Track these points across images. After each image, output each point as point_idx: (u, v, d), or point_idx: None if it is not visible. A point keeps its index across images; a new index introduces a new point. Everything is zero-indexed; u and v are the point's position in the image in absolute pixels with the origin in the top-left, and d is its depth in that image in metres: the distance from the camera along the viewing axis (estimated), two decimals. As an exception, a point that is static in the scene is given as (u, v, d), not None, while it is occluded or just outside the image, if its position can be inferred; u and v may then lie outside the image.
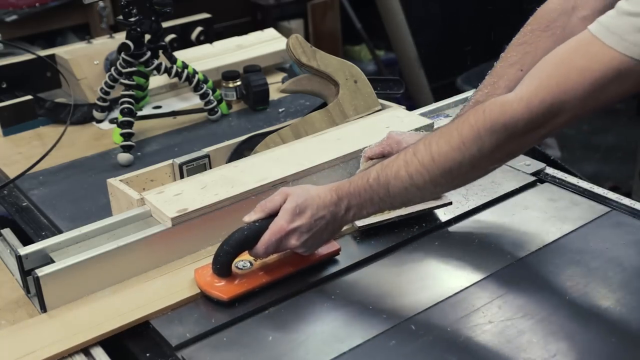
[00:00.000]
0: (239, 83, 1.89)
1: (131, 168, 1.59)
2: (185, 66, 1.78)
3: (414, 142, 1.10)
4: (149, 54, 1.70)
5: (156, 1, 1.65)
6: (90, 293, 1.15)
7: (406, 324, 1.07)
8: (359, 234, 1.27)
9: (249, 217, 1.14)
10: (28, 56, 1.97)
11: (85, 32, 2.72)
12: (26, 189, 1.53)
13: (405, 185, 1.07)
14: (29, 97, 1.82)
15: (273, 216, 1.13)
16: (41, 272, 1.10)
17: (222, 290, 1.12)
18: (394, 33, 3.65)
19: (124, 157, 1.62)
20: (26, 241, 1.36)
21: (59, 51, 1.98)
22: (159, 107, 1.90)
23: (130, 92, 1.69)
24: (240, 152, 1.50)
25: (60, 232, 1.34)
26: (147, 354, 1.05)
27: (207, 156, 1.45)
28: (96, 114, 1.82)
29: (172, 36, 2.10)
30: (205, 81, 1.82)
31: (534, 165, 1.46)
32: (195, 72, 1.79)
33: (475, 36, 4.00)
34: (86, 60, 1.92)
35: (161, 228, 1.20)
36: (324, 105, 1.58)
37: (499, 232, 1.29)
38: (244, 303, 1.12)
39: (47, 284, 1.10)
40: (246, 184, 1.28)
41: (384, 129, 1.45)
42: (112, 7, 2.97)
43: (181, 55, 1.89)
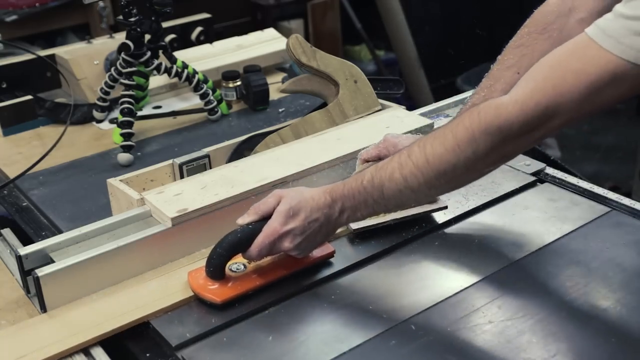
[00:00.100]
0: (239, 83, 1.89)
1: (131, 168, 1.59)
2: (185, 66, 1.78)
3: (409, 145, 1.10)
4: (149, 54, 1.70)
5: (156, 1, 1.65)
6: (90, 293, 1.15)
7: (406, 324, 1.07)
8: (357, 236, 1.27)
9: (242, 220, 1.14)
10: (28, 56, 1.97)
11: (85, 32, 2.72)
12: (26, 189, 1.53)
13: (400, 188, 1.07)
14: (29, 97, 1.82)
15: (266, 219, 1.12)
16: (41, 272, 1.10)
17: (215, 293, 1.11)
18: (394, 33, 3.65)
19: (124, 157, 1.62)
20: (26, 241, 1.36)
21: (59, 51, 1.98)
22: (159, 107, 1.90)
23: (130, 92, 1.69)
24: (240, 152, 1.50)
25: (60, 232, 1.34)
26: (147, 354, 1.05)
27: (207, 156, 1.45)
28: (96, 114, 1.82)
29: (172, 36, 2.10)
30: (205, 81, 1.82)
31: (534, 165, 1.46)
32: (195, 72, 1.79)
33: (475, 36, 4.00)
34: (86, 60, 1.92)
35: (161, 228, 1.20)
36: (324, 105, 1.58)
37: (499, 232, 1.29)
38: (243, 303, 1.12)
39: (47, 284, 1.10)
40: (246, 184, 1.28)
41: (384, 129, 1.45)
42: (112, 7, 2.97)
43: (181, 55, 1.89)
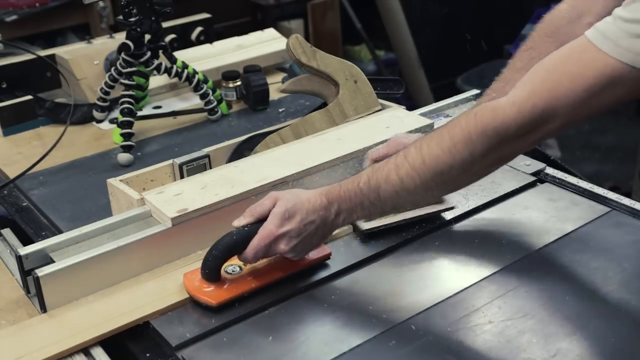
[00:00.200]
0: (239, 83, 1.89)
1: (131, 168, 1.59)
2: (185, 66, 1.78)
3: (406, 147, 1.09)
4: (149, 54, 1.70)
5: (156, 1, 1.65)
6: (90, 293, 1.15)
7: (406, 324, 1.07)
8: (355, 237, 1.26)
9: (238, 222, 1.14)
10: (28, 56, 1.97)
11: (85, 32, 2.72)
12: (26, 189, 1.53)
13: (396, 189, 1.06)
14: (29, 97, 1.82)
15: (262, 221, 1.12)
16: (41, 272, 1.10)
17: (211, 295, 1.11)
18: (394, 33, 3.65)
19: (124, 157, 1.62)
20: (26, 241, 1.36)
21: (59, 51, 1.98)
22: (159, 107, 1.90)
23: (130, 92, 1.68)
24: (240, 152, 1.50)
25: (60, 232, 1.34)
26: (147, 354, 1.05)
27: (207, 156, 1.45)
28: (96, 114, 1.82)
29: (172, 36, 2.10)
30: (205, 81, 1.82)
31: (534, 165, 1.46)
32: (195, 72, 1.79)
33: (475, 36, 4.00)
34: (86, 60, 1.92)
35: (161, 228, 1.20)
36: (324, 105, 1.58)
37: (499, 233, 1.29)
38: (243, 304, 1.12)
39: (47, 284, 1.10)
40: (246, 184, 1.28)
41: (384, 129, 1.45)
42: (112, 7, 2.97)
43: (181, 55, 1.89)
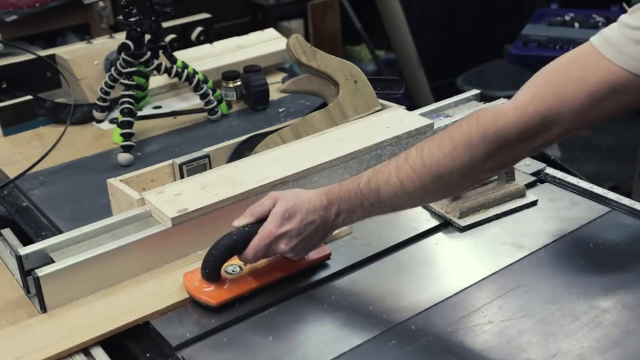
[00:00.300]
0: (239, 83, 1.89)
1: (131, 168, 1.59)
2: (185, 66, 1.78)
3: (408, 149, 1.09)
4: (149, 54, 1.70)
5: (156, 1, 1.65)
6: (90, 293, 1.15)
7: (406, 324, 1.08)
8: (355, 237, 1.26)
9: (238, 222, 1.14)
10: (28, 56, 1.97)
11: (85, 32, 2.72)
12: (26, 189, 1.53)
13: (396, 191, 1.06)
14: (29, 97, 1.82)
15: (262, 221, 1.12)
16: (41, 272, 1.10)
17: (211, 295, 1.11)
18: (394, 33, 3.65)
19: (124, 157, 1.62)
20: (26, 241, 1.36)
21: (59, 51, 1.98)
22: (159, 107, 1.90)
23: (130, 92, 1.68)
24: (240, 152, 1.50)
25: (60, 232, 1.34)
26: (147, 354, 1.05)
27: (207, 156, 1.45)
28: (96, 114, 1.82)
29: (172, 36, 2.10)
30: (205, 81, 1.82)
31: (534, 165, 1.46)
32: (195, 72, 1.79)
33: (475, 36, 4.00)
34: (86, 60, 1.92)
35: (161, 228, 1.20)
36: (324, 105, 1.58)
37: (499, 233, 1.29)
38: (243, 304, 1.12)
39: (47, 284, 1.10)
40: (246, 184, 1.28)
41: (384, 129, 1.45)
42: (112, 7, 2.97)
43: (181, 55, 1.89)
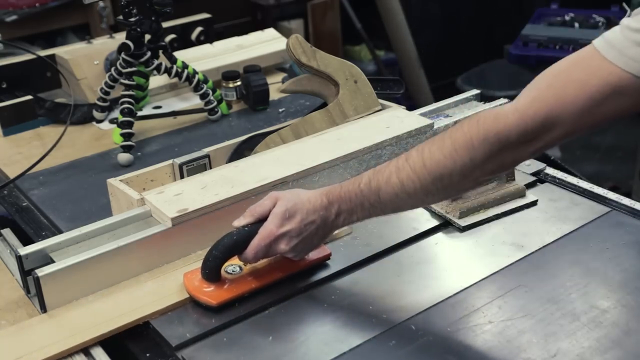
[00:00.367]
0: (239, 83, 1.89)
1: (131, 168, 1.59)
2: (185, 66, 1.78)
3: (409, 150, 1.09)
4: (149, 54, 1.70)
5: (156, 1, 1.65)
6: (90, 293, 1.15)
7: (406, 324, 1.08)
8: (355, 237, 1.27)
9: (238, 222, 1.14)
10: (28, 56, 1.97)
11: (85, 32, 2.72)
12: (26, 189, 1.53)
13: (396, 192, 1.06)
14: (29, 97, 1.82)
15: (262, 221, 1.12)
16: (41, 272, 1.10)
17: (211, 295, 1.11)
18: (394, 33, 3.65)
19: (124, 157, 1.62)
20: (26, 241, 1.36)
21: (59, 51, 1.98)
22: (159, 107, 1.90)
23: (130, 92, 1.68)
24: (240, 152, 1.50)
25: (60, 232, 1.34)
26: (147, 354, 1.05)
27: (207, 156, 1.45)
28: (96, 114, 1.82)
29: (172, 36, 2.10)
30: (205, 81, 1.82)
31: (534, 165, 1.46)
32: (195, 72, 1.79)
33: (475, 36, 4.00)
34: (86, 60, 1.92)
35: (161, 228, 1.20)
36: (324, 105, 1.58)
37: (499, 232, 1.29)
38: (243, 304, 1.12)
39: (47, 284, 1.10)
40: (246, 184, 1.28)
41: (384, 129, 1.45)
42: (112, 7, 2.97)
43: (181, 55, 1.89)
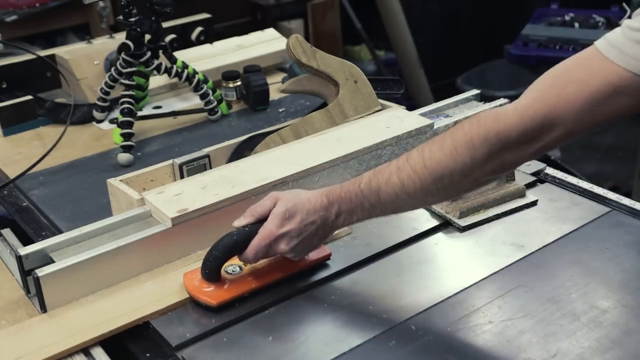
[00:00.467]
0: (239, 83, 1.89)
1: (131, 168, 1.59)
2: (185, 66, 1.78)
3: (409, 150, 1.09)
4: (149, 54, 1.70)
5: (156, 1, 1.65)
6: (90, 293, 1.15)
7: (406, 324, 1.08)
8: (355, 237, 1.27)
9: (238, 222, 1.14)
10: (28, 56, 1.97)
11: (85, 32, 2.72)
12: (26, 189, 1.53)
13: (396, 192, 1.06)
14: (29, 97, 1.82)
15: (263, 221, 1.12)
16: (41, 272, 1.10)
17: (211, 295, 1.11)
18: (394, 33, 3.65)
19: (124, 157, 1.62)
20: (26, 241, 1.36)
21: (59, 51, 1.98)
22: (159, 107, 1.90)
23: (130, 92, 1.68)
24: (240, 152, 1.50)
25: (60, 232, 1.34)
26: (147, 354, 1.05)
27: (207, 156, 1.45)
28: (96, 114, 1.82)
29: (172, 36, 2.10)
30: (205, 81, 1.82)
31: (534, 165, 1.46)
32: (195, 72, 1.79)
33: (475, 36, 4.00)
34: (86, 60, 1.92)
35: (161, 228, 1.20)
36: (324, 105, 1.58)
37: (499, 232, 1.29)
38: (243, 304, 1.12)
39: (47, 284, 1.10)
40: (246, 184, 1.28)
41: (384, 128, 1.45)
42: (112, 7, 2.97)
43: (181, 55, 1.89)
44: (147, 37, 1.70)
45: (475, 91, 1.67)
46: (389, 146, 1.42)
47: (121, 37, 1.77)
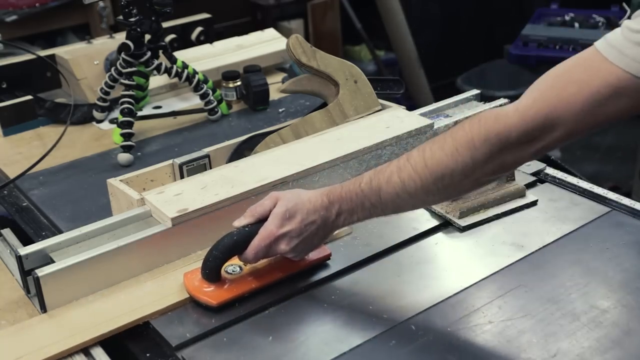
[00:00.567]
0: (239, 83, 1.89)
1: (131, 168, 1.59)
2: (185, 66, 1.78)
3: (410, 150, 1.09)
4: (149, 54, 1.70)
5: (156, 1, 1.65)
6: (90, 293, 1.15)
7: (406, 324, 1.08)
8: (355, 237, 1.27)
9: (238, 222, 1.14)
10: (28, 56, 1.97)
11: (85, 32, 2.72)
12: (26, 189, 1.53)
13: (397, 191, 1.06)
14: (29, 97, 1.82)
15: (263, 221, 1.12)
16: (41, 272, 1.10)
17: (211, 295, 1.11)
18: (394, 33, 3.65)
19: (124, 157, 1.62)
20: (26, 241, 1.36)
21: (59, 51, 1.98)
22: (159, 107, 1.90)
23: (130, 92, 1.68)
24: (240, 152, 1.50)
25: (60, 232, 1.34)
26: (147, 354, 1.05)
27: (207, 156, 1.45)
28: (96, 114, 1.82)
29: (172, 36, 2.10)
30: (205, 81, 1.82)
31: (534, 165, 1.46)
32: (195, 72, 1.79)
33: (475, 36, 4.00)
34: (86, 60, 1.92)
35: (161, 228, 1.20)
36: (324, 105, 1.58)
37: (499, 233, 1.29)
38: (243, 304, 1.12)
39: (47, 284, 1.10)
40: (246, 184, 1.28)
41: (384, 128, 1.45)
42: (112, 7, 2.97)
43: (181, 55, 1.89)
44: (147, 37, 1.70)
45: (475, 91, 1.67)
46: (389, 146, 1.42)
47: (121, 37, 1.77)
